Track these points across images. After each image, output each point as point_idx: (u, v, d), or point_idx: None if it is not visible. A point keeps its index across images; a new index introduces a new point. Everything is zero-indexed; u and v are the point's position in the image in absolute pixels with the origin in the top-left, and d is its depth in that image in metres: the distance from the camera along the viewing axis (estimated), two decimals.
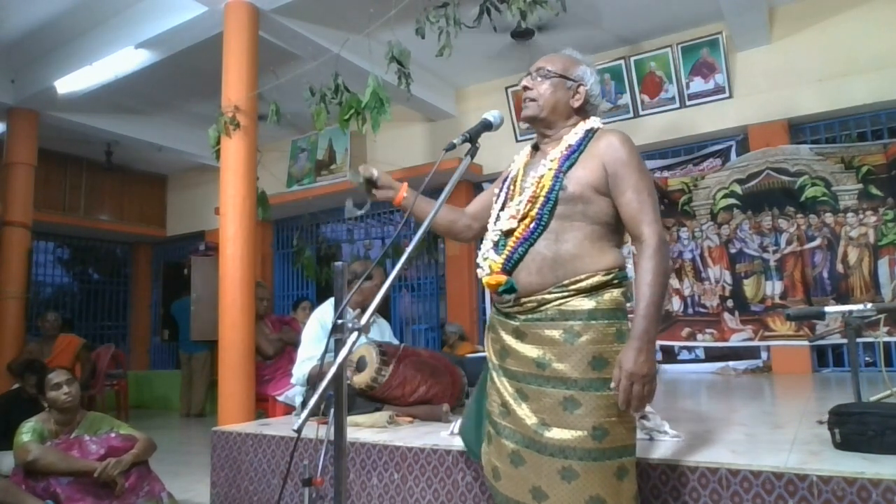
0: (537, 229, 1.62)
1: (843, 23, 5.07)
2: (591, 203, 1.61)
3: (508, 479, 1.61)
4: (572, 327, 1.56)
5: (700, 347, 5.58)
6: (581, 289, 1.58)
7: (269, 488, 2.72)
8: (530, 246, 1.62)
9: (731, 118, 5.45)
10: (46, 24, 5.35)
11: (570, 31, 5.41)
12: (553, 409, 1.55)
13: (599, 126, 1.73)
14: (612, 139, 1.64)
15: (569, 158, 1.65)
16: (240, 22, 4.47)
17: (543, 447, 1.54)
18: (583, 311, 1.57)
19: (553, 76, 1.73)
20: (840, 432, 1.91)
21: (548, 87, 1.73)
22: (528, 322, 1.63)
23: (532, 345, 1.61)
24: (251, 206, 4.38)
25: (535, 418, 1.57)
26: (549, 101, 1.72)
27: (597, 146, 1.65)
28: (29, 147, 6.46)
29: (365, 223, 7.94)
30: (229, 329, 4.18)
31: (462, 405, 3.24)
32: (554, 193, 1.61)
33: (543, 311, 1.60)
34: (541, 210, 1.62)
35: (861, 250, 4.92)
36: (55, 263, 9.44)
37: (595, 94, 1.75)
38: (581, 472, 1.49)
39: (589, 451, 1.50)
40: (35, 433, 2.85)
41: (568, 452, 1.51)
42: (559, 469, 1.51)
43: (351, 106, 3.82)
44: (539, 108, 1.73)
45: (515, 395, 1.62)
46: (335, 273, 1.55)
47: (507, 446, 1.62)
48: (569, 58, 1.77)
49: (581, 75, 1.74)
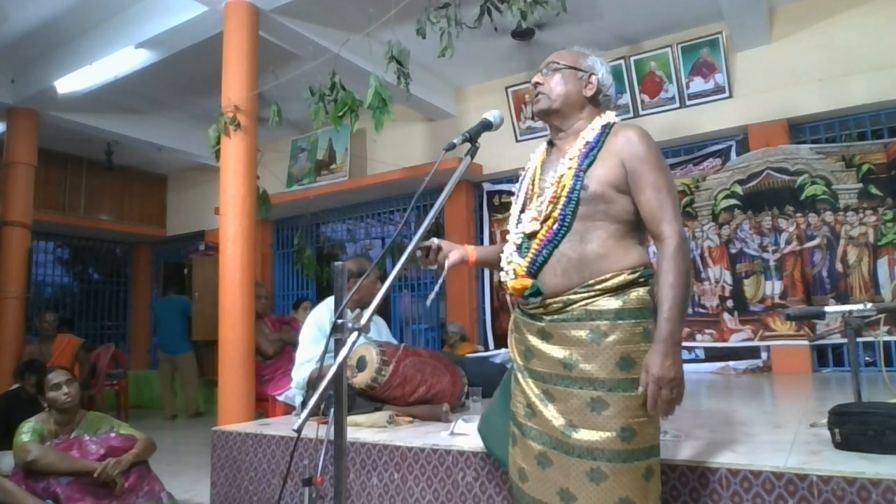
0: (561, 230, 1.59)
1: (843, 23, 5.07)
2: (613, 202, 1.58)
3: (536, 481, 1.59)
4: (599, 327, 1.54)
5: (700, 348, 5.58)
6: (607, 288, 1.56)
7: (269, 488, 2.72)
8: (555, 248, 1.60)
9: (731, 118, 5.44)
10: (46, 24, 5.35)
11: (571, 30, 5.41)
12: (580, 411, 1.53)
13: (616, 121, 1.70)
14: (630, 134, 1.61)
15: (587, 156, 1.61)
16: (240, 22, 4.47)
17: (571, 449, 1.52)
18: (609, 310, 1.55)
19: (563, 68, 1.72)
20: (840, 432, 1.91)
21: (558, 79, 1.71)
22: (553, 323, 1.60)
23: (558, 345, 1.59)
24: (251, 206, 4.38)
25: (562, 419, 1.55)
26: (560, 93, 1.70)
27: (614, 142, 1.62)
28: (29, 147, 6.46)
29: (365, 223, 7.94)
30: (229, 329, 4.17)
31: (462, 405, 3.24)
32: (576, 193, 1.58)
33: (569, 312, 1.58)
34: (563, 211, 1.59)
35: (860, 249, 4.92)
36: (55, 263, 9.44)
37: (607, 84, 1.73)
38: (610, 473, 1.48)
39: (618, 452, 1.48)
40: (35, 433, 2.86)
41: (596, 454, 1.49)
42: (587, 471, 1.49)
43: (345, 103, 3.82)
44: (550, 100, 1.70)
45: (542, 397, 1.60)
46: (335, 273, 1.55)
47: (533, 448, 1.60)
48: (577, 51, 1.76)
49: (591, 65, 1.73)
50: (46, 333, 5.97)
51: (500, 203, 6.64)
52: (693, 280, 1.98)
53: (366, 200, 7.45)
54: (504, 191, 6.62)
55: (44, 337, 5.98)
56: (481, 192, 6.83)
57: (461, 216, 6.74)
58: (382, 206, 7.49)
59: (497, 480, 2.13)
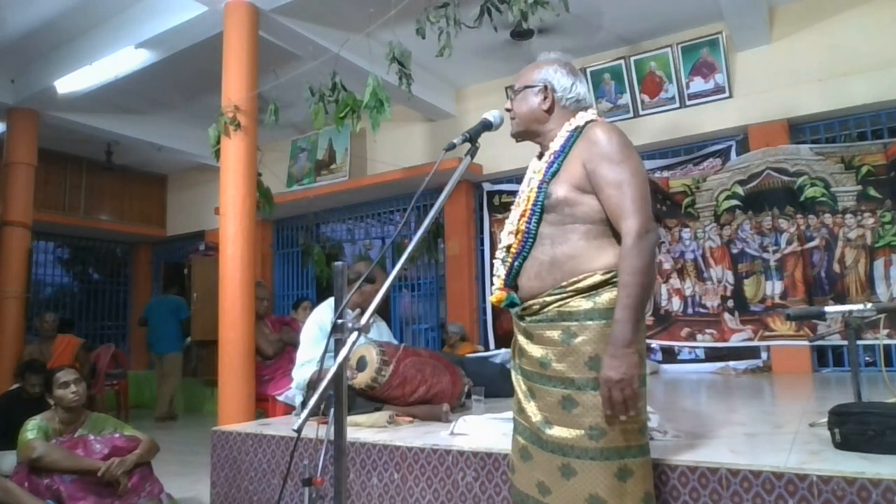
0: (527, 241, 1.67)
1: (843, 23, 5.07)
2: (579, 204, 1.62)
3: (520, 473, 1.67)
4: (569, 328, 1.58)
5: (701, 348, 5.58)
6: (580, 289, 1.59)
7: (269, 488, 2.72)
8: (525, 259, 1.68)
9: (731, 118, 5.44)
10: (46, 24, 5.35)
11: (571, 30, 5.41)
12: (554, 408, 1.58)
13: (588, 120, 1.71)
14: (591, 135, 1.64)
15: (552, 166, 1.67)
16: (240, 22, 4.47)
17: (545, 444, 1.58)
18: (580, 311, 1.58)
19: (519, 90, 1.79)
20: (840, 432, 1.91)
21: (519, 101, 1.78)
22: (532, 323, 1.67)
23: (537, 345, 1.65)
24: (251, 205, 4.38)
25: (539, 416, 1.61)
26: (523, 114, 1.77)
27: (580, 145, 1.66)
28: (29, 147, 6.46)
29: (365, 223, 7.94)
30: (229, 329, 4.17)
31: (462, 405, 3.25)
32: (539, 205, 1.65)
33: (545, 313, 1.64)
34: (528, 224, 1.67)
35: (858, 251, 4.93)
36: (55, 263, 9.43)
37: (566, 87, 1.74)
38: (579, 470, 1.52)
39: (586, 449, 1.52)
40: (40, 431, 2.88)
41: (566, 450, 1.54)
42: (559, 466, 1.55)
43: (347, 104, 3.82)
44: (516, 124, 1.79)
45: (526, 393, 1.67)
46: (335, 273, 1.55)
47: (519, 441, 1.69)
48: (532, 66, 1.80)
49: (543, 77, 1.75)
50: (46, 333, 5.98)
51: (500, 203, 6.64)
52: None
53: (366, 200, 7.45)
54: (504, 191, 6.62)
55: (44, 337, 5.98)
56: (481, 192, 6.83)
57: (461, 216, 6.74)
58: (382, 206, 7.49)
59: (497, 480, 2.13)
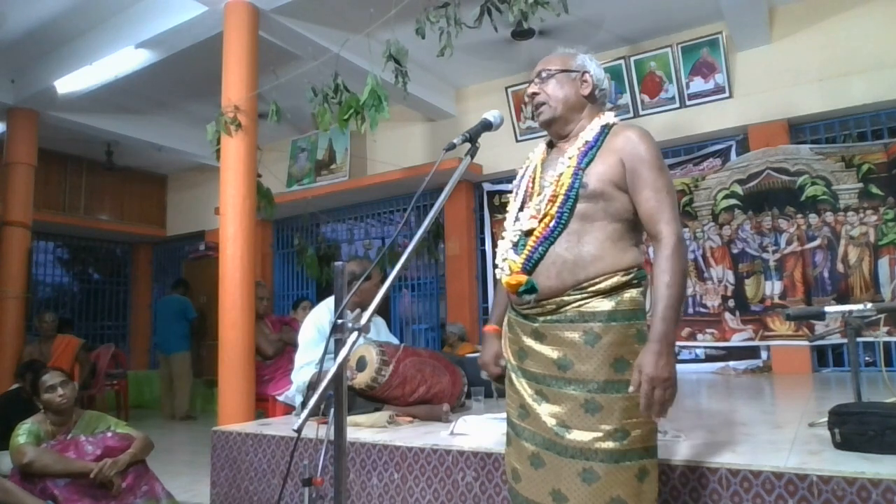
0: (557, 228, 1.59)
1: (843, 23, 5.07)
2: (613, 200, 1.59)
3: (528, 481, 1.60)
4: (592, 329, 1.54)
5: (701, 347, 5.58)
6: (600, 290, 1.56)
7: (269, 488, 2.72)
8: (550, 245, 1.60)
9: (731, 118, 5.44)
10: (46, 24, 5.35)
11: (571, 30, 5.41)
12: (574, 411, 1.53)
13: (615, 121, 1.71)
14: (630, 134, 1.62)
15: (587, 154, 1.62)
16: (240, 22, 4.47)
17: (564, 449, 1.53)
18: (602, 312, 1.55)
19: (555, 73, 1.72)
20: (840, 432, 1.91)
21: (555, 85, 1.71)
22: (546, 323, 1.61)
23: (552, 346, 1.59)
24: (251, 205, 4.38)
25: (554, 420, 1.55)
26: (559, 98, 1.70)
27: (614, 141, 1.63)
28: (29, 147, 6.46)
29: (365, 223, 7.94)
30: (229, 329, 4.17)
31: (462, 405, 3.25)
32: (574, 191, 1.59)
33: (563, 313, 1.58)
34: (561, 208, 1.59)
35: (861, 249, 4.92)
36: (55, 263, 9.42)
37: (601, 78, 1.74)
38: (602, 473, 1.48)
39: (610, 452, 1.49)
40: (31, 435, 2.84)
41: (589, 454, 1.50)
42: (580, 471, 1.50)
43: (350, 106, 3.82)
44: (552, 109, 1.71)
45: (535, 397, 1.61)
46: (335, 273, 1.55)
47: (526, 448, 1.61)
48: (565, 53, 1.77)
49: (582, 63, 1.74)
50: (46, 333, 5.97)
51: (499, 203, 6.64)
52: (687, 282, 1.98)
53: (366, 200, 7.45)
54: (504, 191, 6.61)
55: (44, 337, 5.98)
56: (481, 192, 6.83)
57: (461, 216, 6.74)
58: (382, 206, 7.48)
59: (497, 480, 2.13)
